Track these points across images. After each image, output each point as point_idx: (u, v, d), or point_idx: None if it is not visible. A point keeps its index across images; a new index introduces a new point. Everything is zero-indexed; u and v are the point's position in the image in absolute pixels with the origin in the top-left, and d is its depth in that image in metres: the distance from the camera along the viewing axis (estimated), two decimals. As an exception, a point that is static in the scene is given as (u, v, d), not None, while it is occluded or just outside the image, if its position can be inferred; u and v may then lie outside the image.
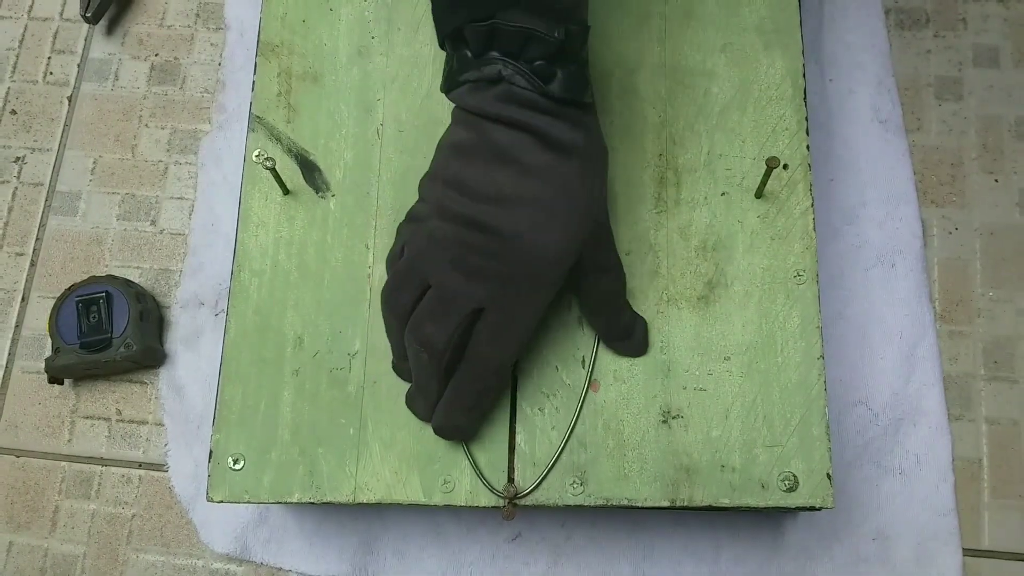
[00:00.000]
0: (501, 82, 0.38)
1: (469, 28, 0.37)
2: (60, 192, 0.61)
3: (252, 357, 0.44)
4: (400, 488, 0.42)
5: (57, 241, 0.60)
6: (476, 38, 0.37)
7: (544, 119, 0.38)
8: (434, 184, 0.40)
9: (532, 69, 0.37)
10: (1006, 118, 0.57)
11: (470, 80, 0.38)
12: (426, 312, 0.39)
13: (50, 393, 0.56)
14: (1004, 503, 0.51)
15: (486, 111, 0.38)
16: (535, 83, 0.37)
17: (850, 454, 0.51)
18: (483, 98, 0.38)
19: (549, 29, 0.37)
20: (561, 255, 0.39)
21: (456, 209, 0.39)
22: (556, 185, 0.38)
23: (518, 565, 0.51)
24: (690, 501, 0.41)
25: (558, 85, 0.38)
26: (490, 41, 0.37)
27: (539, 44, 0.37)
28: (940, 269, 0.55)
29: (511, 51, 0.37)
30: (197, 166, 0.60)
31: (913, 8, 0.60)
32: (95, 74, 0.63)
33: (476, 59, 0.38)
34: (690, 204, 0.45)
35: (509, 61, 0.37)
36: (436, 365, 0.40)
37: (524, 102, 0.38)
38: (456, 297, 0.39)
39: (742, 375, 0.42)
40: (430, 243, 0.39)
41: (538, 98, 0.38)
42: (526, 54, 0.37)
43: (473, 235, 0.38)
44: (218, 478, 0.42)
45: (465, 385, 0.41)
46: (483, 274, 0.38)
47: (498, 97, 0.38)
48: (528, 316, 0.40)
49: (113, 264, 0.59)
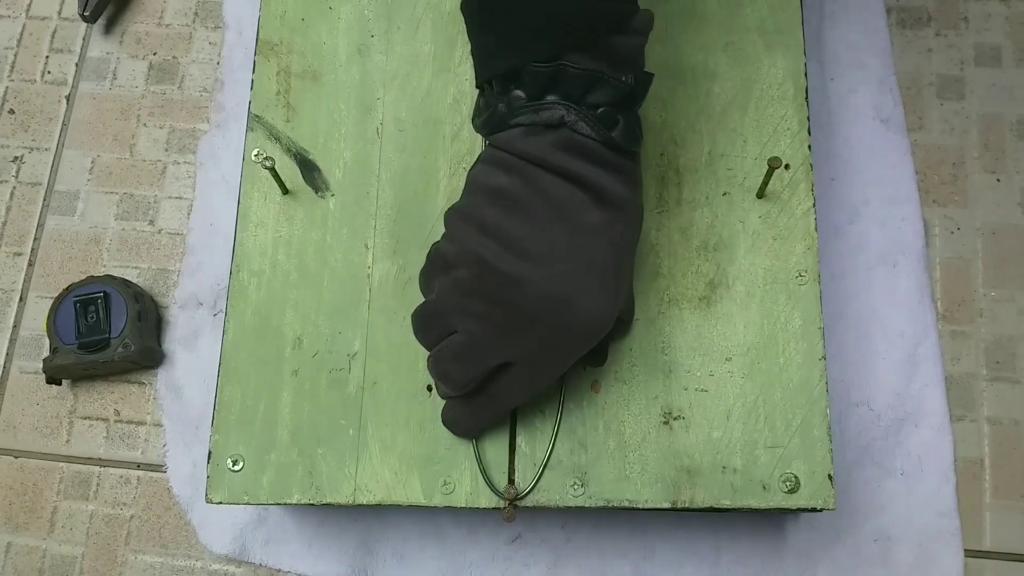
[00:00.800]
0: (562, 127, 0.35)
1: (531, 69, 0.35)
2: (58, 192, 0.60)
3: (251, 357, 0.44)
4: (400, 489, 0.41)
5: (55, 241, 0.59)
6: (536, 80, 0.35)
7: (601, 172, 0.36)
8: (468, 228, 0.37)
9: (596, 116, 0.35)
10: (1008, 117, 0.57)
11: (523, 124, 0.36)
12: (451, 353, 0.38)
13: (48, 393, 0.56)
14: (1006, 504, 0.51)
15: (542, 159, 0.35)
16: (600, 131, 0.35)
17: (852, 455, 0.51)
18: (539, 144, 0.35)
19: (617, 73, 0.35)
20: (607, 321, 0.36)
21: (496, 264, 0.36)
22: (609, 247, 0.36)
23: (518, 567, 0.50)
24: (691, 502, 0.41)
25: (620, 133, 0.36)
26: (552, 84, 0.35)
27: (606, 90, 0.35)
28: (942, 269, 0.55)
29: (574, 95, 0.35)
30: (196, 165, 0.60)
31: (915, 7, 0.60)
32: (93, 73, 0.63)
33: (531, 101, 0.35)
34: (691, 204, 0.45)
35: (572, 106, 0.35)
36: (451, 393, 0.40)
37: (584, 151, 0.35)
38: (487, 351, 0.37)
39: (743, 376, 0.42)
40: (464, 296, 0.37)
41: (600, 148, 0.35)
42: (590, 99, 0.35)
43: (515, 294, 0.35)
44: (217, 479, 0.42)
45: (480, 412, 0.40)
46: (521, 335, 0.36)
47: (556, 144, 0.35)
48: (557, 371, 0.39)
49: (111, 264, 0.58)
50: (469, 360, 0.38)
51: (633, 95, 0.36)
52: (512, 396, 0.39)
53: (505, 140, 0.37)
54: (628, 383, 0.42)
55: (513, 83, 0.36)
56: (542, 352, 0.37)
